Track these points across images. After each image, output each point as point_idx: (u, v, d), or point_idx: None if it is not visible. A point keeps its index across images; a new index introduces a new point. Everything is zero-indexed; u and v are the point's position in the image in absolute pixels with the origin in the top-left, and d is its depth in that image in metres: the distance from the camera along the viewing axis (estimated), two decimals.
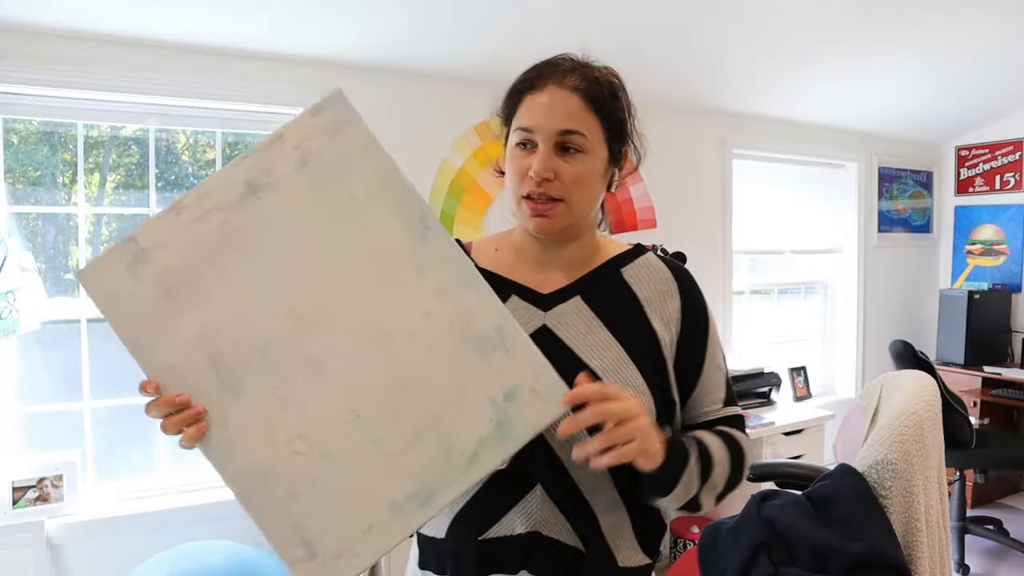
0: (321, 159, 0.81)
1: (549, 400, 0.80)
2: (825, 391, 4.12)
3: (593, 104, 0.91)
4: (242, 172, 0.81)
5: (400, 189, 0.81)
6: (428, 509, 0.79)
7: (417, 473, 0.79)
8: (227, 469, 0.79)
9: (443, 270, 0.81)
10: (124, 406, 2.35)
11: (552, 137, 0.89)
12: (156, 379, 0.79)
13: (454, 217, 2.76)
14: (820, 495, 1.28)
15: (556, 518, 0.89)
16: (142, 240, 0.80)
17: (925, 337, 4.38)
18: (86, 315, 2.27)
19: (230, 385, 0.79)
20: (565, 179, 0.90)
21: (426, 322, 0.80)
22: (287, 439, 0.79)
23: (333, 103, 0.82)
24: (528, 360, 0.80)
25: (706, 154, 3.49)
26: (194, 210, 0.80)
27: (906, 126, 4.08)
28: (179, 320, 0.79)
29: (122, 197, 2.36)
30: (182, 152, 2.46)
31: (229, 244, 0.80)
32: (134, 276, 0.79)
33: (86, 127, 2.28)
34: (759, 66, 3.07)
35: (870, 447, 1.29)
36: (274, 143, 0.81)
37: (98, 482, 2.30)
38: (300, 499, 0.78)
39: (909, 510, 1.23)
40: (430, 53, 2.56)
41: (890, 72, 3.29)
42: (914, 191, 4.39)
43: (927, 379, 1.45)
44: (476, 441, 0.79)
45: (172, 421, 0.79)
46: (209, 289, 0.80)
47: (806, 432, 3.10)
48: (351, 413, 0.79)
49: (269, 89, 2.40)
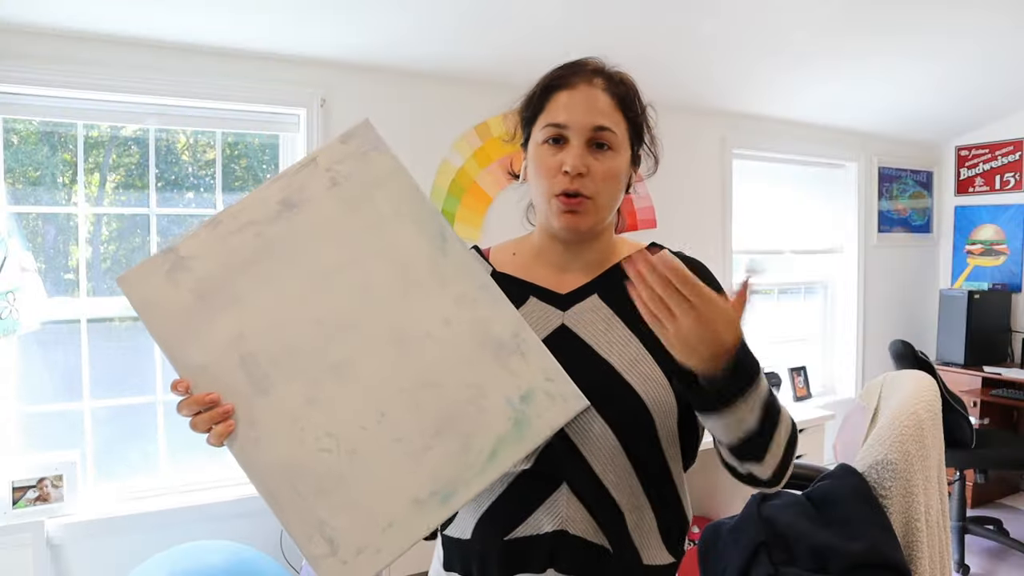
0: (351, 180, 0.88)
1: (562, 401, 0.84)
2: (825, 391, 4.13)
3: (622, 104, 0.94)
4: (277, 191, 0.87)
5: (422, 207, 0.88)
6: (448, 506, 0.82)
7: (438, 470, 0.82)
8: (254, 466, 0.82)
9: (462, 280, 0.86)
10: (124, 406, 2.35)
11: (586, 133, 0.91)
12: (187, 379, 0.82)
13: (454, 216, 2.77)
14: (820, 495, 1.29)
15: (582, 516, 0.90)
16: (182, 250, 0.85)
17: (925, 337, 4.40)
18: (86, 315, 2.28)
19: (259, 384, 0.83)
20: (596, 176, 0.91)
21: (447, 328, 0.85)
22: (315, 437, 0.83)
23: (361, 131, 0.89)
24: (542, 364, 0.84)
25: (706, 154, 3.50)
26: (230, 224, 0.86)
27: (906, 126, 4.09)
28: (212, 323, 0.84)
29: (122, 197, 2.37)
30: (182, 152, 2.47)
31: (263, 254, 0.86)
32: (172, 282, 0.84)
33: (86, 127, 2.29)
34: (759, 66, 3.08)
35: (870, 447, 1.30)
36: (307, 166, 0.88)
37: (98, 482, 2.31)
38: (326, 496, 0.81)
39: (909, 510, 1.24)
40: (431, 53, 2.57)
41: (890, 72, 3.30)
42: (914, 191, 4.40)
43: (927, 379, 1.46)
44: (495, 439, 0.82)
45: (201, 419, 0.81)
46: (243, 296, 0.85)
47: (806, 432, 3.11)
48: (376, 413, 0.83)
49: (269, 89, 2.41)
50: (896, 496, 1.24)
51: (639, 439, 0.91)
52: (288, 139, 2.58)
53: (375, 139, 0.89)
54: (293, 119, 2.53)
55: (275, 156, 2.61)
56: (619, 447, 0.90)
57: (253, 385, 0.83)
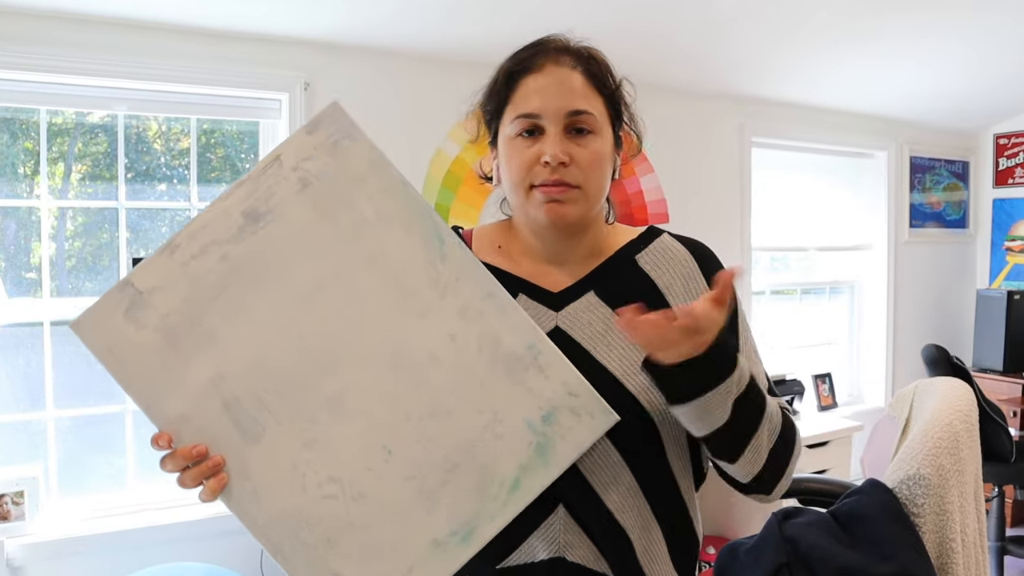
0: (323, 180, 0.82)
1: (588, 418, 0.81)
2: (852, 400, 4.13)
3: (595, 81, 0.91)
4: (238, 201, 0.81)
5: (411, 205, 0.82)
6: (471, 545, 0.80)
7: (457, 508, 0.80)
8: (254, 521, 0.80)
9: (465, 288, 0.82)
10: (90, 416, 2.35)
11: (562, 119, 0.88)
12: (169, 431, 0.79)
13: (449, 211, 2.77)
14: (846, 513, 1.28)
15: (581, 541, 0.88)
16: (138, 283, 0.80)
17: (961, 341, 4.39)
18: (49, 317, 2.28)
19: (248, 431, 0.80)
20: (581, 163, 0.88)
21: (452, 346, 0.81)
22: (317, 483, 0.80)
23: (329, 117, 0.82)
24: (564, 378, 0.81)
25: (723, 143, 3.49)
26: (190, 247, 0.81)
27: (940, 111, 4.08)
28: (187, 367, 0.80)
29: (88, 189, 2.37)
30: (154, 140, 2.47)
31: (232, 280, 0.81)
32: (134, 323, 0.80)
33: (49, 113, 2.28)
34: (779, 46, 3.07)
35: (901, 461, 1.30)
36: (269, 166, 0.82)
37: (62, 499, 2.30)
38: (336, 546, 0.80)
39: (943, 529, 1.24)
40: (425, 32, 2.56)
41: (922, 51, 3.30)
42: (949, 183, 4.39)
43: (963, 387, 1.46)
44: (516, 468, 0.80)
45: (190, 475, 0.79)
46: (216, 331, 0.81)
47: (831, 444, 3.10)
48: (382, 450, 0.81)
49: (249, 72, 2.41)
50: (929, 514, 1.24)
51: (643, 453, 0.90)
52: (269, 126, 2.58)
53: (347, 125, 0.82)
54: (274, 104, 2.52)
55: (255, 145, 2.60)
56: (622, 463, 0.88)
57: (242, 432, 0.80)
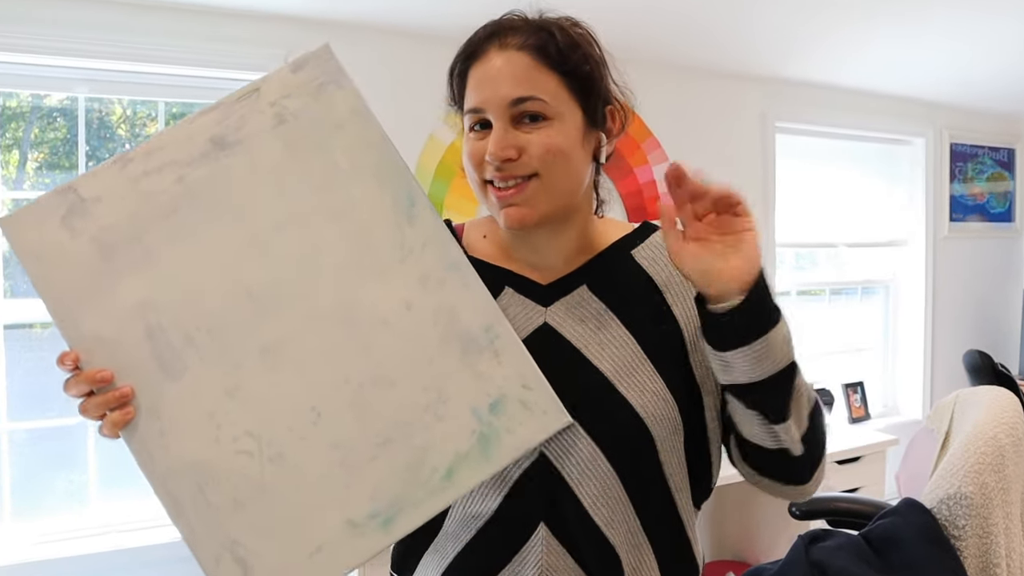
0: (300, 120, 0.84)
1: (540, 414, 0.81)
2: (886, 411, 4.13)
3: (546, 60, 0.90)
4: (206, 126, 0.83)
5: (389, 161, 0.84)
6: (390, 532, 0.80)
7: (381, 487, 0.80)
8: (155, 467, 0.80)
9: (429, 256, 0.83)
10: (48, 428, 2.35)
11: (504, 110, 0.88)
12: (78, 350, 0.79)
13: (442, 203, 2.77)
14: (880, 535, 1.28)
15: (565, 563, 0.88)
16: (81, 190, 0.81)
17: (1006, 347, 4.39)
18: (3, 320, 2.27)
19: (169, 367, 0.80)
20: (534, 152, 0.88)
21: (407, 315, 0.82)
22: (233, 436, 0.80)
23: (318, 59, 0.85)
24: (519, 368, 0.82)
25: (744, 129, 3.49)
26: (144, 163, 0.82)
27: (983, 94, 4.08)
28: (116, 285, 0.80)
29: (46, 179, 2.37)
30: (117, 126, 2.47)
31: (185, 204, 0.82)
32: (69, 230, 0.80)
33: (3, 96, 2.28)
34: (805, 21, 3.07)
35: (940, 478, 1.30)
36: (246, 96, 0.83)
37: (16, 520, 2.30)
38: (242, 510, 0.79)
39: (987, 553, 1.24)
40: (417, 6, 2.56)
41: (963, 27, 3.29)
42: (993, 172, 4.39)
43: (1008, 397, 1.46)
44: (453, 456, 0.80)
45: (94, 402, 0.79)
46: (156, 253, 0.81)
47: (863, 460, 3.10)
48: (311, 411, 0.80)
49: (223, 50, 2.41)
50: (971, 536, 1.24)
51: (636, 463, 0.89)
52: None
53: (335, 70, 0.84)
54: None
55: None
56: (612, 473, 0.88)
57: (161, 366, 0.80)
